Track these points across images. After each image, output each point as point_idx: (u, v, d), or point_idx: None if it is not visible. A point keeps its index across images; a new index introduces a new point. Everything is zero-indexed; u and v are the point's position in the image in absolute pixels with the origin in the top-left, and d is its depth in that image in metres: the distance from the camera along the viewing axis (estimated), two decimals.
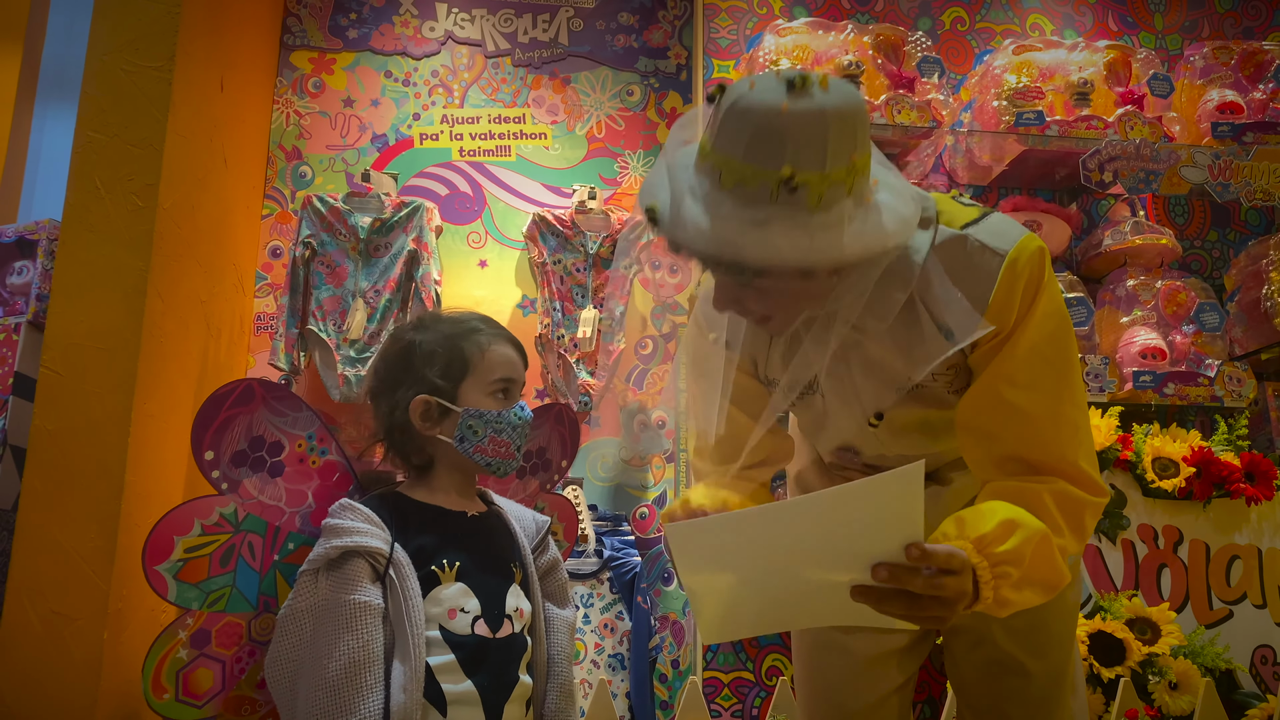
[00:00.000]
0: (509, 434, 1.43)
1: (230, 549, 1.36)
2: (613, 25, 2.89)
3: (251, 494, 1.39)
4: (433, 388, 1.40)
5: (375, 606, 1.28)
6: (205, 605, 1.35)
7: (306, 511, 1.44)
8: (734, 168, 1.06)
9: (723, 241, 1.06)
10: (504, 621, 1.36)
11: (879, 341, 1.24)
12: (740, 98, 1.06)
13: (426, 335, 1.45)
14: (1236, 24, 2.99)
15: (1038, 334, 1.18)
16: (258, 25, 2.60)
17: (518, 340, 1.51)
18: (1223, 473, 2.25)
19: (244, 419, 1.40)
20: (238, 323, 2.50)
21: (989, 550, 1.06)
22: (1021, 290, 1.17)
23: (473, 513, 1.45)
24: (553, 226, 2.63)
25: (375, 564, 1.30)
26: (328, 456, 1.48)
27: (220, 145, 2.32)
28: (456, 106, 2.79)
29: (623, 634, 2.29)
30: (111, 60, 2.00)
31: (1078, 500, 1.16)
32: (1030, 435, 1.18)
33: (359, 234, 2.49)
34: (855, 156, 1.07)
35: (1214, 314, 2.51)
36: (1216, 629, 2.20)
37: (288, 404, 1.44)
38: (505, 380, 1.45)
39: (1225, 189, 2.49)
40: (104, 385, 1.86)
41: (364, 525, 1.32)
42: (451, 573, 1.35)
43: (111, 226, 1.93)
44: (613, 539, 2.39)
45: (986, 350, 1.20)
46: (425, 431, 1.41)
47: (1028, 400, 1.18)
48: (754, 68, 2.52)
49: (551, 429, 1.75)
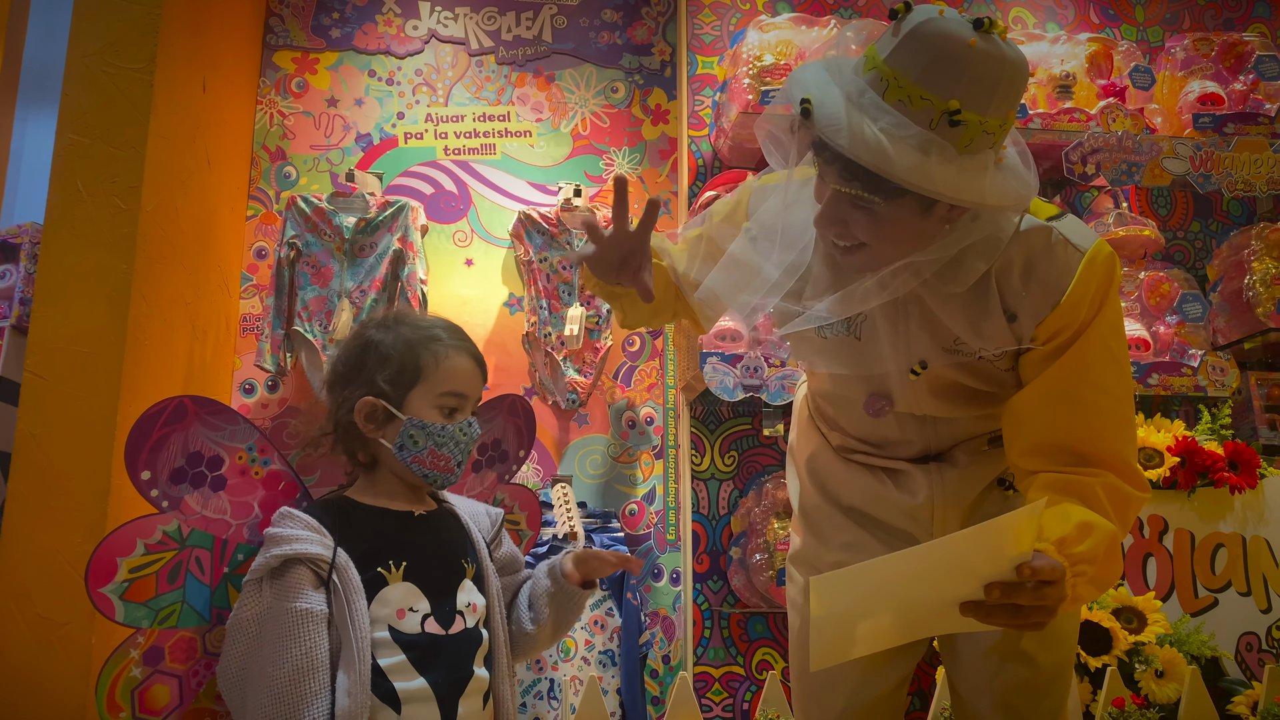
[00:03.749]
0: (450, 448, 1.41)
1: (177, 565, 1.36)
2: (596, 22, 2.88)
3: (194, 509, 1.38)
4: (380, 391, 1.39)
5: (318, 613, 1.27)
6: (156, 623, 1.34)
7: (254, 522, 1.43)
8: (904, 85, 1.08)
9: (879, 152, 1.07)
10: (455, 618, 1.36)
11: (945, 304, 1.26)
12: (929, 20, 1.09)
13: (386, 336, 1.43)
14: (1217, 16, 3.00)
15: (1109, 332, 1.23)
16: (240, 26, 2.59)
17: (479, 354, 1.48)
18: (1207, 462, 2.27)
19: (178, 436, 1.38)
20: (223, 324, 2.49)
21: (1069, 551, 1.10)
22: (1095, 288, 1.21)
23: (420, 511, 1.44)
24: (538, 224, 2.63)
25: (318, 570, 1.30)
26: (271, 466, 1.47)
27: (203, 146, 2.31)
28: (441, 105, 2.79)
29: (613, 630, 2.30)
30: (92, 62, 1.99)
31: (1126, 495, 1.21)
32: (1094, 430, 1.22)
33: (344, 234, 2.49)
34: (1010, 112, 1.12)
35: (1197, 304, 2.52)
36: (1202, 617, 2.21)
37: (223, 418, 1.42)
38: (456, 394, 1.42)
39: (1207, 180, 2.51)
40: (88, 389, 1.85)
41: (304, 532, 1.32)
42: (398, 573, 1.34)
43: (94, 229, 1.92)
44: (602, 536, 2.39)
45: (1055, 346, 1.23)
46: (368, 434, 1.40)
47: (1097, 396, 1.22)
48: (738, 63, 2.52)
49: (506, 420, 1.72)
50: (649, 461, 2.64)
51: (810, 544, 1.54)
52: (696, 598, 2.48)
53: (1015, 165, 1.18)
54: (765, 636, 2.47)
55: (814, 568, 1.51)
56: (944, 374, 1.32)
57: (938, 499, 1.42)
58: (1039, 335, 1.24)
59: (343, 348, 1.48)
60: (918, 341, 1.30)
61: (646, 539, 2.56)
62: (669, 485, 2.62)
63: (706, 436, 2.58)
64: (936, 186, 1.08)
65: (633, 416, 2.66)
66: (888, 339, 1.31)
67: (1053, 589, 1.07)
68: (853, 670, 1.47)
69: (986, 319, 1.24)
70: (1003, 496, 1.43)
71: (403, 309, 1.55)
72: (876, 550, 1.46)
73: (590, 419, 2.64)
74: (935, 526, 1.42)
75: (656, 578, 2.54)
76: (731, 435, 2.59)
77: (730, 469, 2.56)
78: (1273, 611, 2.23)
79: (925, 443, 1.44)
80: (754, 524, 2.36)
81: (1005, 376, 1.32)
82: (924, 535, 1.44)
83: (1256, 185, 2.51)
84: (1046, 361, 1.24)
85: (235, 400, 2.53)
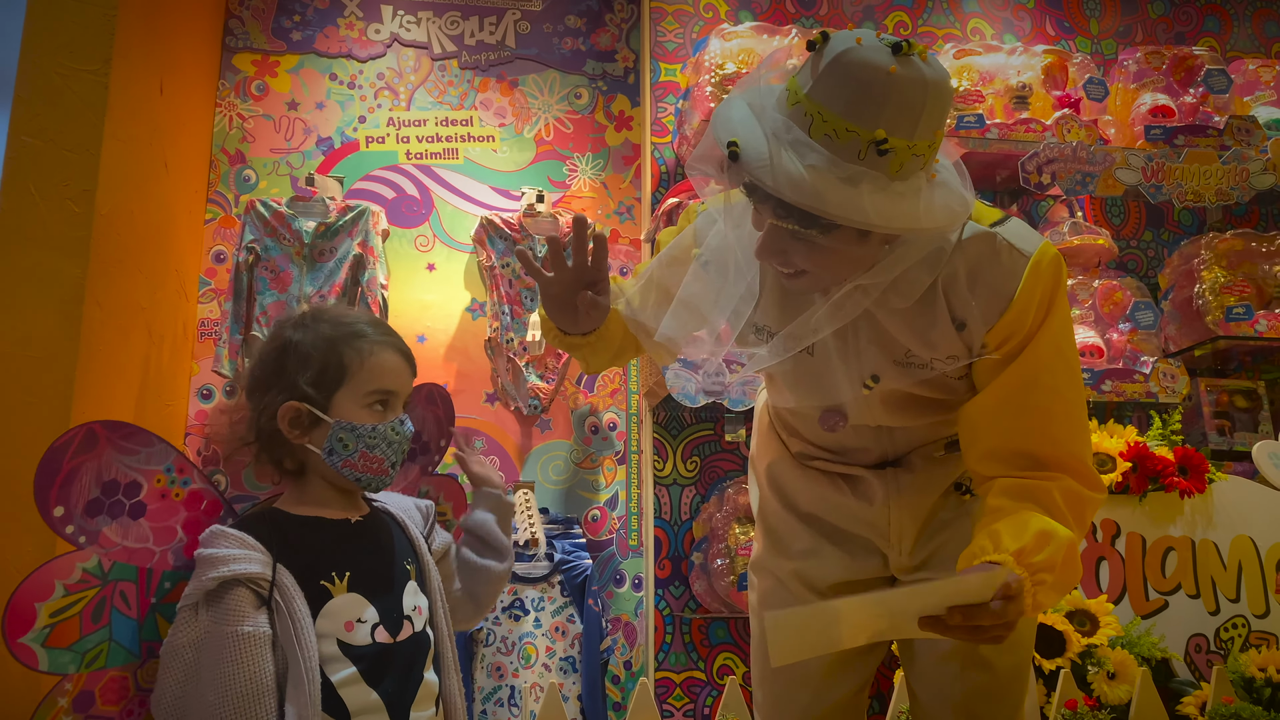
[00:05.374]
0: (383, 449, 1.35)
1: (101, 602, 1.27)
2: (560, 28, 2.89)
3: (114, 541, 1.29)
4: (304, 395, 1.32)
5: (261, 636, 1.21)
6: (83, 666, 1.25)
7: (178, 546, 1.35)
8: (828, 119, 1.08)
9: (809, 191, 1.07)
10: (404, 623, 1.33)
11: (892, 318, 1.26)
12: (847, 51, 1.07)
13: (305, 335, 1.35)
14: (1169, 29, 3.07)
15: (1059, 334, 1.24)
16: (198, 27, 2.57)
17: (407, 348, 1.42)
18: (1158, 467, 2.32)
19: (91, 466, 1.29)
20: (180, 329, 2.46)
21: (1028, 561, 1.11)
22: (1041, 292, 1.21)
23: (356, 518, 1.39)
24: (501, 230, 2.63)
25: (258, 590, 1.24)
26: (191, 486, 1.38)
27: (160, 149, 2.28)
28: (403, 109, 2.77)
29: (574, 637, 2.30)
30: (45, 63, 1.96)
31: (1083, 497, 1.22)
32: (1049, 433, 1.23)
33: (303, 238, 2.47)
34: (938, 132, 1.12)
35: (1149, 312, 2.58)
36: (1152, 619, 2.26)
37: (137, 440, 1.34)
38: (384, 392, 1.36)
39: (1158, 190, 2.56)
40: (40, 395, 1.82)
41: (240, 551, 1.25)
42: (342, 584, 1.29)
43: (47, 233, 1.89)
44: (563, 542, 2.39)
45: (1006, 351, 1.24)
46: (294, 440, 1.33)
47: (1050, 400, 1.23)
48: (700, 71, 2.54)
49: (425, 410, 1.65)
50: (611, 467, 2.64)
51: (770, 551, 1.55)
52: (658, 603, 2.48)
53: (950, 180, 1.17)
54: (726, 641, 2.49)
55: (774, 575, 1.52)
56: (896, 386, 1.33)
57: (894, 505, 1.43)
58: (989, 342, 1.24)
59: (260, 351, 1.40)
60: (868, 356, 1.31)
61: (609, 544, 2.57)
62: (631, 490, 2.62)
63: (669, 442, 2.59)
64: (870, 218, 1.08)
65: (595, 422, 2.66)
66: (839, 355, 1.31)
67: (1013, 604, 1.07)
68: (813, 675, 1.48)
69: (934, 328, 1.25)
70: (959, 501, 1.44)
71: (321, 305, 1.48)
72: (833, 556, 1.48)
73: (553, 424, 2.64)
74: (891, 532, 1.44)
75: (619, 583, 2.54)
76: (694, 441, 2.60)
77: (692, 474, 2.57)
78: (1221, 613, 2.28)
79: (882, 450, 1.45)
80: (716, 529, 2.37)
81: (958, 384, 1.33)
82: (881, 541, 1.45)
83: (1206, 196, 2.57)
84: (999, 368, 1.25)
85: (193, 405, 2.50)
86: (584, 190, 2.80)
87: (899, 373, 1.31)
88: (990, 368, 1.26)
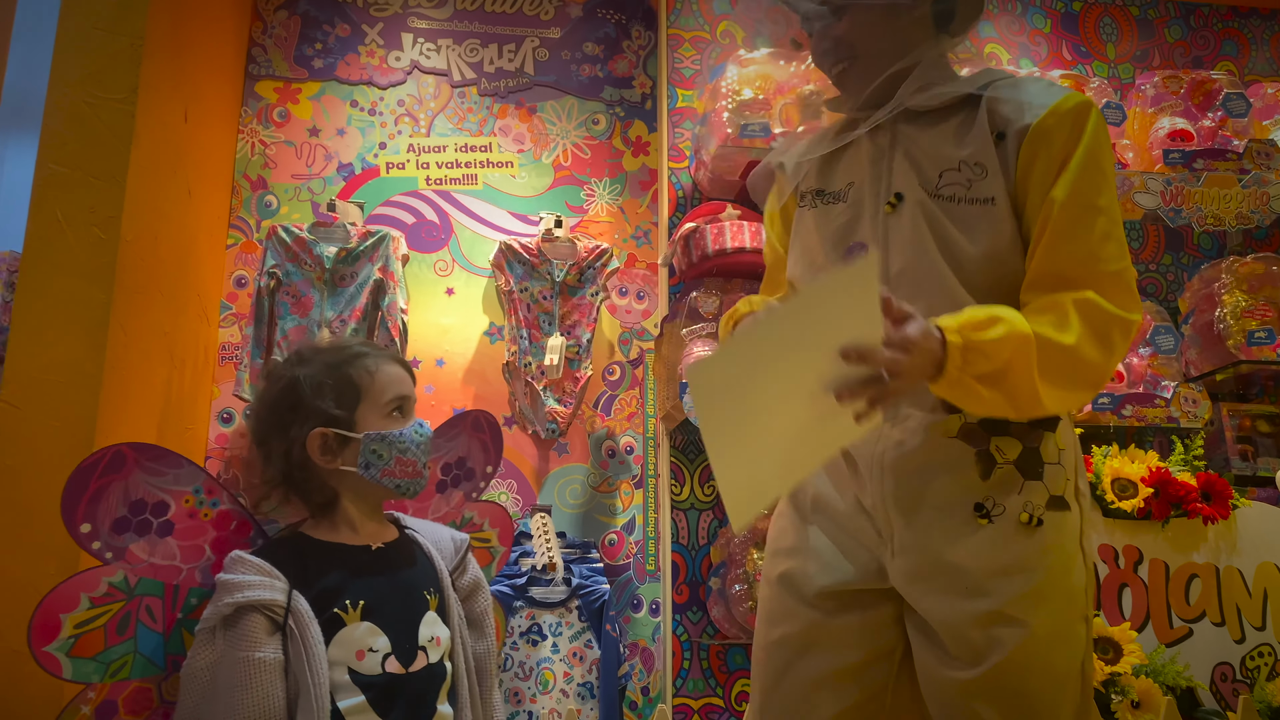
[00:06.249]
0: (413, 452, 1.40)
1: (126, 616, 1.32)
2: (578, 55, 2.92)
3: (141, 558, 1.35)
4: (328, 418, 1.37)
5: (272, 662, 1.25)
6: (107, 676, 1.30)
7: (206, 565, 1.40)
8: None
9: None
10: (418, 654, 1.34)
11: (929, 128, 1.32)
12: None
13: (309, 368, 1.41)
14: (1186, 54, 3.07)
15: (1095, 155, 1.23)
16: (222, 56, 2.60)
17: (403, 358, 1.50)
18: (1180, 493, 2.29)
19: (118, 485, 1.34)
20: (202, 353, 2.48)
21: (968, 333, 1.11)
22: (1079, 111, 1.24)
23: (378, 545, 1.42)
24: (519, 255, 2.64)
25: (273, 616, 1.27)
26: (220, 507, 1.43)
27: (184, 176, 2.31)
28: (423, 135, 2.80)
29: (592, 662, 2.29)
30: (73, 92, 1.99)
31: (1104, 311, 1.18)
32: (1078, 251, 1.20)
33: (324, 264, 2.49)
34: None
35: (1169, 337, 2.56)
36: (1177, 647, 2.23)
37: (166, 462, 1.39)
38: (400, 398, 1.42)
39: (1177, 214, 2.55)
40: (65, 419, 1.84)
41: (256, 578, 1.28)
42: (356, 613, 1.32)
43: (73, 259, 1.92)
44: (581, 567, 2.39)
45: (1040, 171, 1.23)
46: (326, 465, 1.37)
47: (1081, 216, 1.21)
48: (717, 97, 2.55)
49: (470, 437, 1.69)
50: (629, 491, 2.64)
51: (767, 551, 1.47)
52: (676, 629, 2.47)
53: None
54: (745, 668, 2.47)
55: (766, 581, 1.44)
56: (921, 211, 1.29)
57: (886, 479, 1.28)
58: (1024, 154, 1.24)
59: (262, 398, 1.45)
60: (899, 173, 1.32)
61: (626, 569, 2.56)
62: (648, 515, 2.62)
63: (686, 466, 2.59)
64: None
65: (612, 446, 2.66)
66: (869, 179, 1.34)
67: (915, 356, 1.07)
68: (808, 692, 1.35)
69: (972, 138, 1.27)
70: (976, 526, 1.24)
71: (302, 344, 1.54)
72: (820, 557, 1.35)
73: (570, 448, 2.64)
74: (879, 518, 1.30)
75: (636, 609, 2.53)
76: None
77: (710, 499, 2.57)
78: (1246, 642, 2.25)
79: None
80: (733, 554, 2.36)
81: (981, 224, 1.26)
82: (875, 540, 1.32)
83: (1226, 220, 2.56)
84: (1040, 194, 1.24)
85: (213, 429, 2.52)
86: (601, 215, 2.81)
87: (925, 201, 1.29)
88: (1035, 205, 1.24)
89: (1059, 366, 1.15)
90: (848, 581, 1.33)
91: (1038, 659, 1.21)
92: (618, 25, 2.95)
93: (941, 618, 1.25)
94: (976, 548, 1.23)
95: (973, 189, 1.26)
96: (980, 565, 1.23)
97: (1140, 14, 3.09)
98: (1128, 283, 1.21)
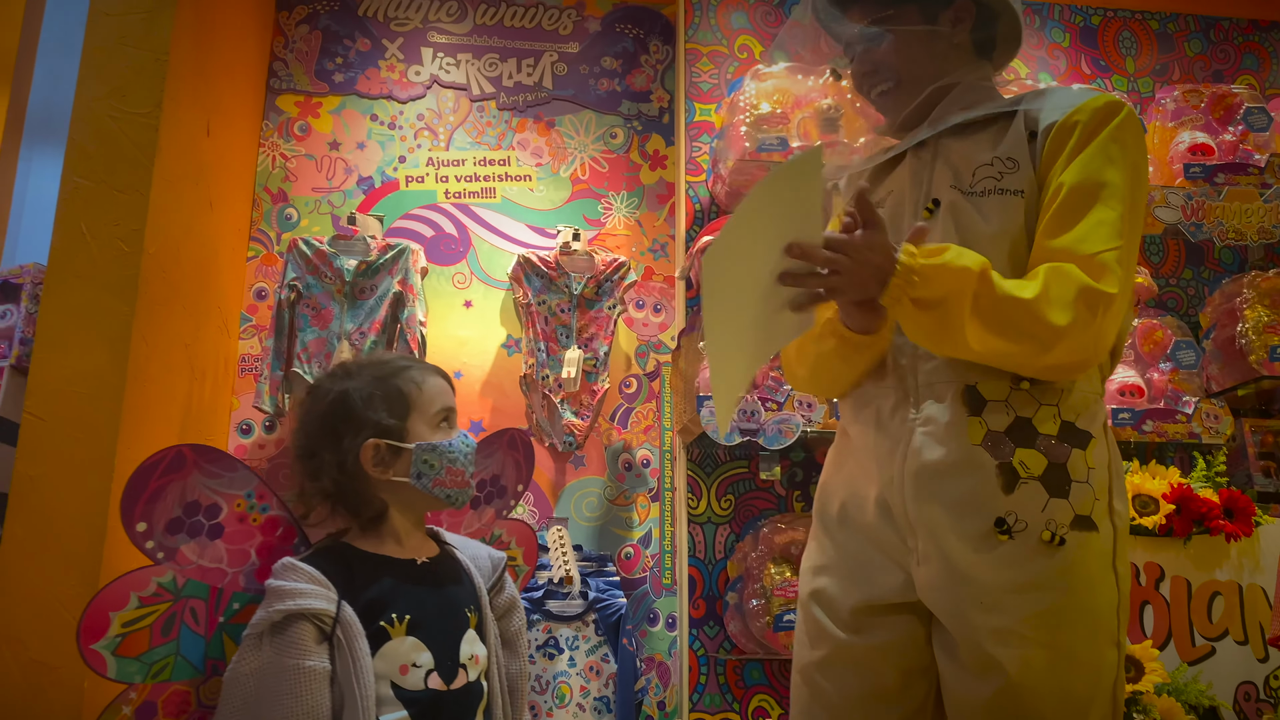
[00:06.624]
0: (461, 462, 1.42)
1: (171, 617, 1.33)
2: (596, 70, 2.93)
3: (190, 559, 1.35)
4: (381, 429, 1.39)
5: (321, 671, 1.25)
6: (149, 677, 1.30)
7: (250, 570, 1.40)
8: None
9: None
10: (459, 671, 1.34)
11: (970, 143, 1.35)
12: None
13: (357, 381, 1.43)
14: (1206, 68, 3.06)
15: (1101, 143, 1.26)
16: (244, 70, 2.63)
17: (443, 370, 1.52)
18: (1202, 509, 2.27)
19: (176, 486, 1.35)
20: (222, 365, 2.50)
21: (918, 257, 1.17)
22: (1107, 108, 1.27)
23: (423, 559, 1.43)
24: (537, 268, 2.65)
25: (321, 625, 1.27)
26: (269, 513, 1.44)
27: (206, 189, 2.33)
28: (442, 149, 2.82)
29: (608, 676, 2.28)
30: (99, 107, 2.01)
31: (1073, 276, 1.19)
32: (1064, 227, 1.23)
33: (344, 276, 2.50)
34: None
35: (1190, 352, 2.54)
36: (1199, 666, 2.21)
37: (222, 465, 1.40)
38: (446, 409, 1.45)
39: (1198, 229, 2.54)
40: (88, 431, 1.85)
41: (307, 586, 1.29)
42: (401, 627, 1.32)
43: (97, 271, 1.93)
44: (598, 580, 2.39)
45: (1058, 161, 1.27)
46: (379, 476, 1.38)
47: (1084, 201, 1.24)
48: (735, 111, 2.56)
49: (505, 454, 1.71)
50: (645, 504, 2.63)
51: (801, 575, 1.46)
52: (692, 643, 2.46)
53: None
54: (762, 683, 2.46)
55: (800, 598, 1.43)
56: (952, 211, 1.32)
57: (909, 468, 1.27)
58: (1049, 145, 1.28)
59: (310, 413, 1.45)
60: (939, 180, 1.35)
61: (642, 583, 2.56)
62: (665, 528, 2.61)
63: (703, 479, 2.58)
64: None
65: (629, 459, 2.66)
66: (910, 188, 1.38)
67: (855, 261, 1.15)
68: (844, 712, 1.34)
69: (1009, 135, 1.32)
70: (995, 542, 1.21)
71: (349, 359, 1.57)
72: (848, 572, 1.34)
73: (587, 461, 2.64)
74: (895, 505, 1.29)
75: (652, 622, 2.53)
76: (728, 479, 2.59)
77: (727, 513, 2.56)
78: (1270, 661, 2.22)
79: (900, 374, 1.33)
80: (750, 569, 2.35)
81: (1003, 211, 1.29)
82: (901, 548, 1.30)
83: (1247, 234, 2.54)
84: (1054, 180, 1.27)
85: (232, 440, 2.53)
86: (619, 228, 2.82)
87: (958, 200, 1.31)
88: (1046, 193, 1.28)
89: (1002, 314, 1.18)
90: (879, 597, 1.32)
91: (1054, 682, 1.20)
92: (636, 40, 2.96)
93: (959, 630, 1.25)
94: (995, 563, 1.22)
95: (1004, 180, 1.31)
96: (998, 581, 1.21)
97: (1160, 28, 3.08)
98: (1106, 263, 1.20)
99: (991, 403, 1.25)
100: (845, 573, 1.35)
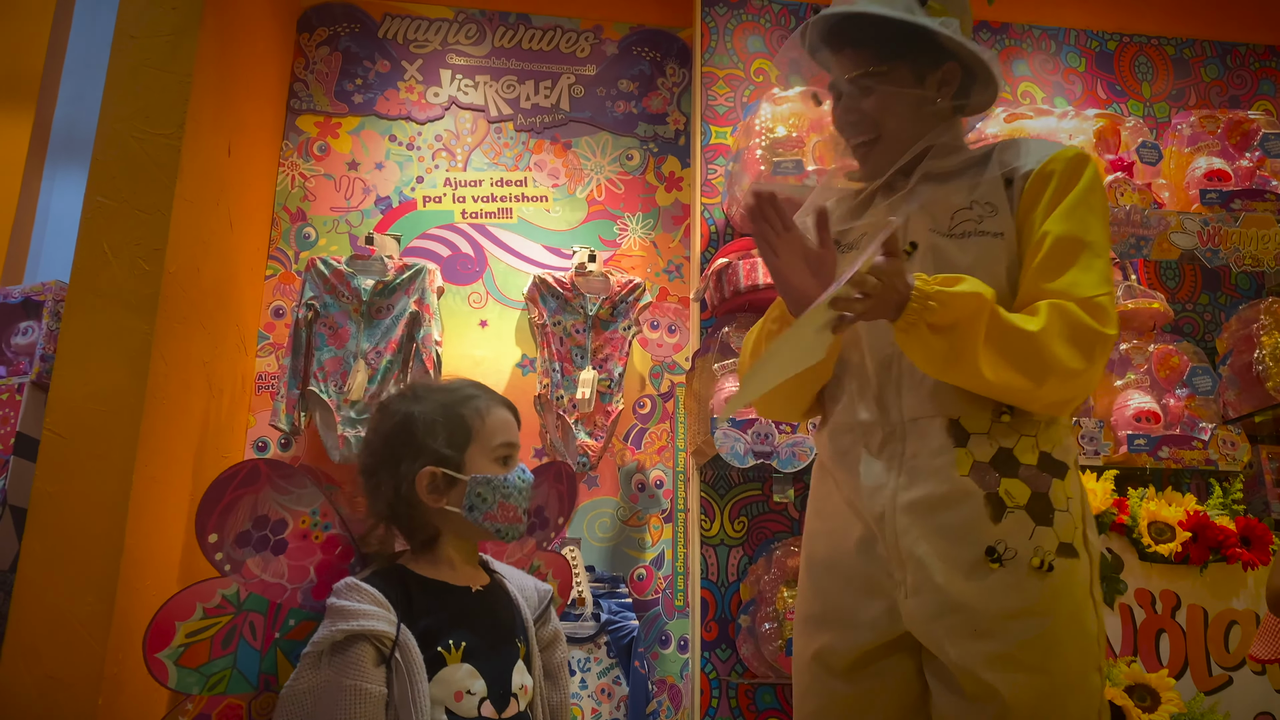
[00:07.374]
0: (515, 498, 1.42)
1: (232, 630, 1.34)
2: (613, 92, 2.95)
3: (254, 573, 1.37)
4: (439, 458, 1.39)
5: (378, 695, 1.25)
6: (206, 689, 1.31)
7: (308, 587, 1.41)
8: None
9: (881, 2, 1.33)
10: (510, 701, 1.34)
11: (946, 189, 1.39)
12: None
13: (423, 406, 1.43)
14: (1223, 93, 3.06)
15: (1078, 195, 1.31)
16: (265, 91, 2.66)
17: (511, 402, 1.51)
18: (1219, 537, 2.26)
19: (249, 499, 1.37)
20: (239, 382, 2.51)
21: (934, 284, 1.21)
22: (1078, 160, 1.34)
23: (477, 587, 1.43)
24: (553, 289, 2.67)
25: (381, 647, 1.28)
26: (331, 531, 1.45)
27: (226, 208, 2.36)
28: (459, 170, 2.84)
29: (620, 699, 2.28)
30: (123, 128, 2.04)
31: (1075, 315, 1.24)
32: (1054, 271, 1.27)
33: (361, 296, 2.52)
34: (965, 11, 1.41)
35: (1206, 377, 2.53)
36: (1216, 696, 2.18)
37: (293, 481, 1.42)
38: (508, 445, 1.44)
39: (1215, 254, 2.53)
40: (106, 448, 1.87)
41: (370, 608, 1.29)
42: (457, 653, 1.33)
43: (118, 290, 1.96)
44: (610, 601, 2.38)
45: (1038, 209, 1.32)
46: (433, 504, 1.39)
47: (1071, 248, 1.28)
48: (750, 134, 2.57)
49: (550, 487, 1.73)
50: (658, 525, 2.63)
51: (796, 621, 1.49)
52: (704, 666, 2.45)
53: None
54: (774, 707, 2.45)
55: (799, 655, 1.45)
56: (932, 252, 1.37)
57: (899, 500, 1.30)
58: (1028, 190, 1.33)
59: (375, 432, 1.47)
60: (915, 224, 1.39)
61: (655, 604, 2.55)
62: (678, 550, 2.61)
63: (716, 501, 2.58)
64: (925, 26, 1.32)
65: (642, 479, 2.66)
66: None
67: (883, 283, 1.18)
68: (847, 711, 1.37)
69: (984, 180, 1.37)
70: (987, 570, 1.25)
71: (417, 381, 1.57)
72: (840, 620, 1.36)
73: (600, 481, 2.65)
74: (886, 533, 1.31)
75: (664, 644, 2.52)
76: (741, 501, 2.59)
77: (740, 535, 2.56)
78: None
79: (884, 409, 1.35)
80: (763, 592, 2.34)
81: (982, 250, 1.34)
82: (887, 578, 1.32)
83: (1264, 260, 2.53)
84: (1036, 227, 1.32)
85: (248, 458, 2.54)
86: (634, 249, 2.83)
87: (937, 242, 1.36)
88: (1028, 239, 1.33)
89: (1012, 344, 1.22)
90: (869, 640, 1.33)
91: (1048, 705, 1.22)
92: (652, 63, 2.99)
93: (954, 658, 1.26)
94: (988, 590, 1.24)
95: (984, 224, 1.36)
96: (991, 608, 1.24)
97: (1176, 53, 3.09)
98: (1103, 306, 1.27)
99: (975, 435, 1.30)
100: (839, 624, 1.36)
